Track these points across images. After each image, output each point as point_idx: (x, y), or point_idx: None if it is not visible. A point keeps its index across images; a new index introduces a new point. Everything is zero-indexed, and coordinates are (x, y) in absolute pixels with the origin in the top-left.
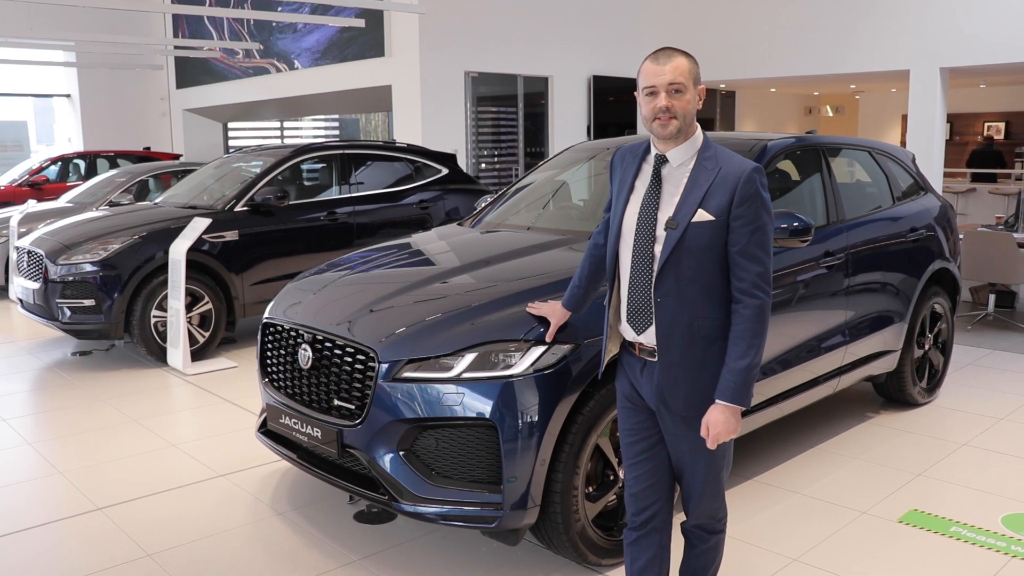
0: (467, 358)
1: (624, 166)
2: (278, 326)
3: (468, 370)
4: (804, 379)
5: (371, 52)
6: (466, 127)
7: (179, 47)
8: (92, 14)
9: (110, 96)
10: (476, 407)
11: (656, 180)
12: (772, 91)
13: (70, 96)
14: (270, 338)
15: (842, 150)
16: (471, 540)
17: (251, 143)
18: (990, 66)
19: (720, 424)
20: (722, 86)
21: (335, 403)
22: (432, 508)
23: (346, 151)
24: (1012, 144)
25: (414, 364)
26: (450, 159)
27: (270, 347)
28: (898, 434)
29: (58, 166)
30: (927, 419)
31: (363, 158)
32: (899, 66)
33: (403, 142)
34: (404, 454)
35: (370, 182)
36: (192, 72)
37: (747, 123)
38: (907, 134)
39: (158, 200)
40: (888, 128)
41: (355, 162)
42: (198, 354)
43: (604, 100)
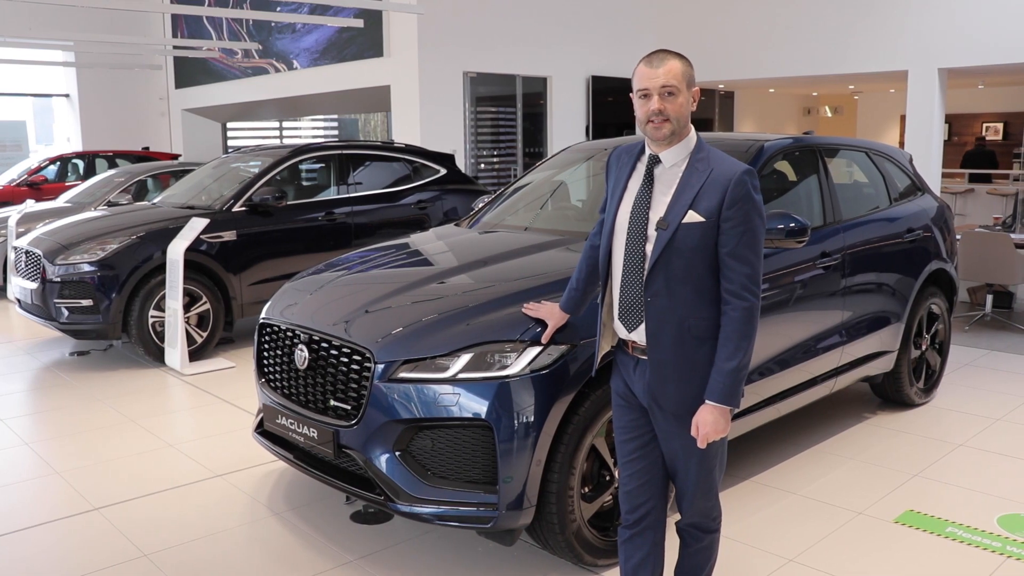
0: (463, 358)
1: (619, 166)
2: (275, 326)
3: (464, 370)
4: (801, 379)
5: (370, 52)
6: (465, 127)
7: (178, 47)
8: (91, 14)
9: (109, 96)
10: (472, 407)
11: (648, 180)
12: (771, 91)
13: (69, 96)
14: (267, 338)
15: (839, 151)
16: (467, 540)
17: (250, 143)
18: (988, 67)
19: (709, 424)
20: (720, 86)
21: (331, 403)
22: (428, 508)
23: (344, 151)
24: (1010, 145)
25: (410, 364)
26: (448, 159)
27: (267, 347)
28: (895, 434)
29: (57, 166)
30: (924, 420)
31: (361, 158)
32: (897, 67)
33: (401, 142)
34: (400, 454)
35: (368, 182)
36: (191, 72)
37: (746, 123)
38: (905, 135)
39: (156, 200)
40: (887, 129)
41: (353, 162)
42: (196, 354)
43: (603, 100)
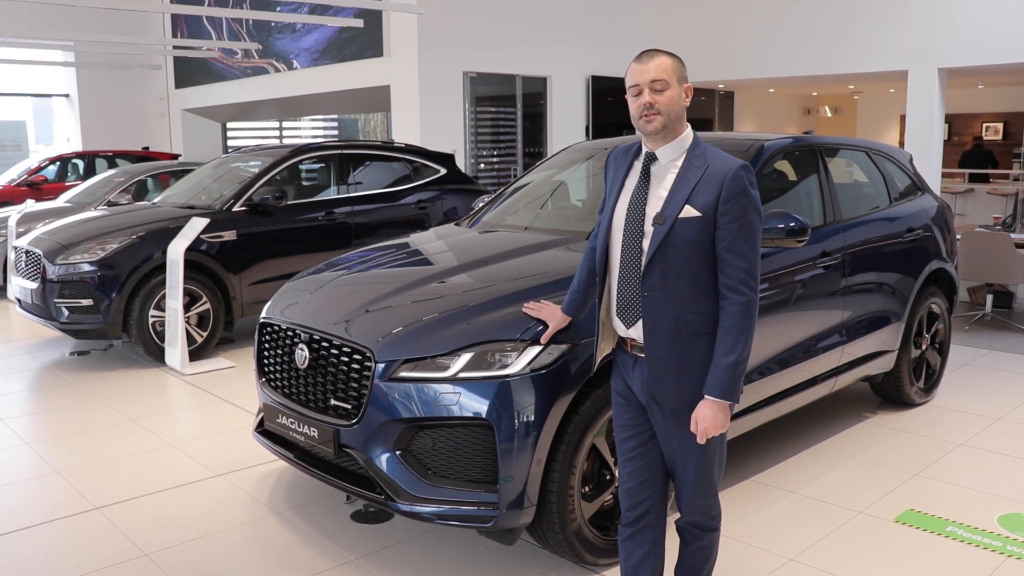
0: (463, 358)
1: (617, 165)
2: (275, 326)
3: (464, 370)
4: (801, 379)
5: (369, 52)
6: (464, 127)
7: (178, 47)
8: (91, 14)
9: (109, 96)
10: (472, 407)
11: (645, 177)
12: (771, 91)
13: (69, 96)
14: (267, 338)
15: (839, 150)
16: (468, 540)
17: (250, 143)
18: (988, 67)
19: (708, 419)
20: (720, 86)
21: (332, 403)
22: (429, 508)
23: (344, 151)
24: (1010, 144)
25: (410, 364)
26: (448, 159)
27: (267, 347)
28: (895, 434)
29: (57, 166)
30: (924, 419)
31: (361, 158)
32: (897, 66)
33: (401, 142)
34: (400, 454)
35: (368, 182)
36: (191, 72)
37: (746, 123)
38: (905, 134)
39: (156, 200)
40: (887, 128)
41: (353, 162)
42: (196, 354)
43: (603, 100)
